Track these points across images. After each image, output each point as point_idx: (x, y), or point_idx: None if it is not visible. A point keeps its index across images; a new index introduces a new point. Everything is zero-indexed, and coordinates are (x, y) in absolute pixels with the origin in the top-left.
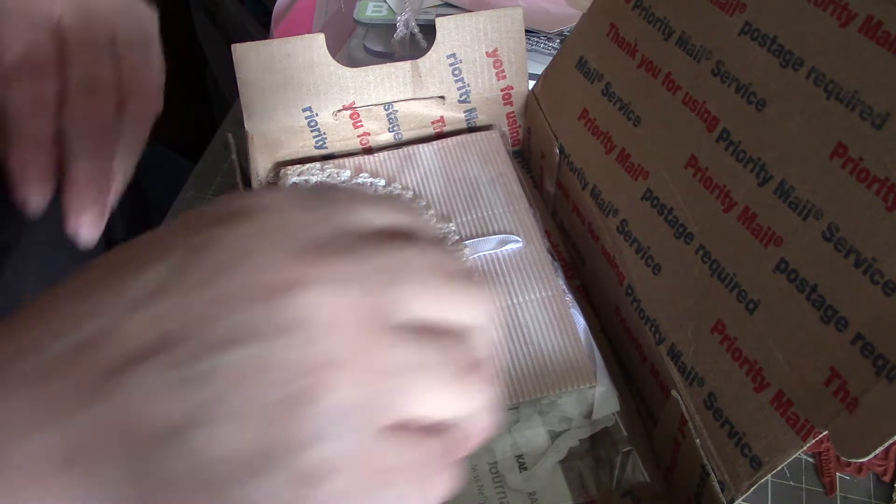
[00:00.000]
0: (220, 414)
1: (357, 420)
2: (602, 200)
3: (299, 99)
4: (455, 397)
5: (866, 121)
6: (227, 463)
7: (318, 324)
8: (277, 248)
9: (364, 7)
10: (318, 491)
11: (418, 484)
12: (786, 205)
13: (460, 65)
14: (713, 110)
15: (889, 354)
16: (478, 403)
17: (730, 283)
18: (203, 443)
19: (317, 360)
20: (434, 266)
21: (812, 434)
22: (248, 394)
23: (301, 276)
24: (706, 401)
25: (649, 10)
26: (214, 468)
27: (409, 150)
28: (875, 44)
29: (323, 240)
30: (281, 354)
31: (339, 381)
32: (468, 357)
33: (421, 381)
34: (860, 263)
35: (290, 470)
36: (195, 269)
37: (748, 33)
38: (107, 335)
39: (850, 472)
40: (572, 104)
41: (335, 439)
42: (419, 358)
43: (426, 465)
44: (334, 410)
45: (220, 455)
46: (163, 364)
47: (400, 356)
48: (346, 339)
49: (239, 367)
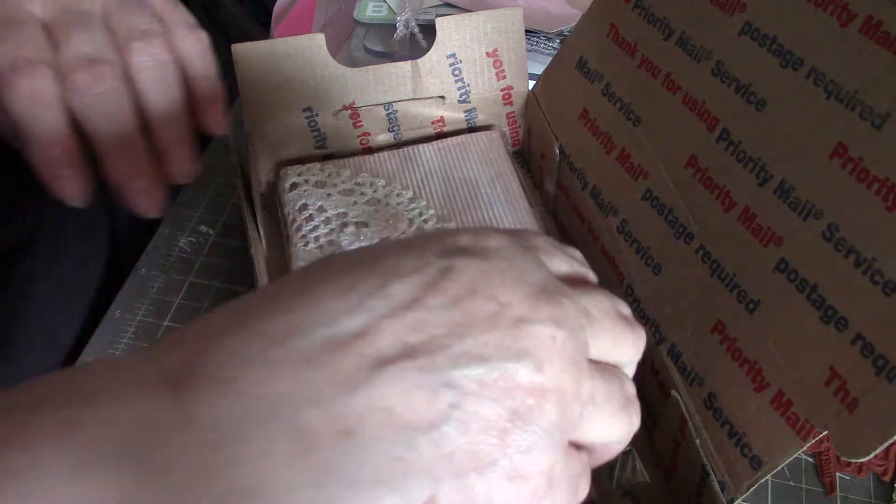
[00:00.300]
0: (463, 415)
1: (555, 438)
2: (602, 200)
3: (299, 99)
4: (617, 426)
5: (866, 121)
6: (462, 455)
7: (542, 354)
8: (510, 286)
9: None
10: (516, 490)
11: (571, 494)
12: (786, 205)
13: (460, 65)
14: (713, 110)
15: (889, 354)
16: (632, 429)
17: (730, 283)
18: (448, 437)
19: (540, 385)
20: (611, 310)
21: (812, 434)
22: (485, 402)
23: (530, 314)
24: (706, 401)
25: (649, 10)
26: (452, 458)
27: (409, 150)
28: (875, 44)
29: (541, 283)
30: (514, 375)
31: (550, 404)
32: (629, 391)
33: (599, 411)
34: (860, 263)
35: (503, 470)
36: (444, 290)
37: (748, 33)
38: (364, 334)
39: (850, 472)
40: (572, 104)
41: (540, 453)
42: (601, 391)
43: (579, 479)
44: (545, 427)
45: (457, 449)
46: (417, 367)
47: (587, 389)
48: (558, 370)
49: (481, 380)
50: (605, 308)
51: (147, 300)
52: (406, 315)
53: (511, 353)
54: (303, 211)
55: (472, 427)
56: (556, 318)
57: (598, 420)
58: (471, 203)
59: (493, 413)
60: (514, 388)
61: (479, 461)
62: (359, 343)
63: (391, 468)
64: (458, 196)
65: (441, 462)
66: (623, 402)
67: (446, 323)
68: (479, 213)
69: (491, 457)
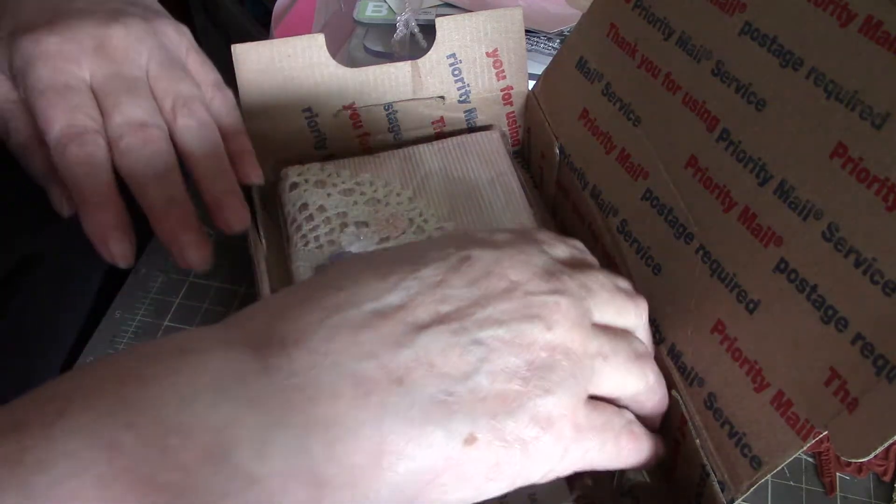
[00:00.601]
0: (490, 367)
1: (571, 387)
2: (602, 200)
3: (299, 100)
4: (631, 377)
5: (866, 121)
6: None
7: (551, 317)
8: (518, 268)
9: (364, 7)
10: (544, 432)
11: (602, 444)
12: (786, 205)
13: (460, 65)
14: (713, 110)
15: (889, 354)
16: (649, 381)
17: (730, 283)
18: (480, 385)
19: (551, 342)
20: (609, 284)
21: (812, 434)
22: (507, 356)
23: (536, 288)
24: (706, 401)
25: (649, 10)
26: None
27: (409, 150)
28: (875, 44)
29: (544, 265)
30: (529, 334)
31: (561, 356)
32: (639, 348)
33: (608, 364)
34: (860, 263)
35: (529, 412)
36: (464, 273)
37: (748, 33)
38: (404, 307)
39: (850, 472)
40: (572, 104)
41: (559, 397)
42: (608, 347)
43: (609, 430)
44: (560, 377)
45: (488, 394)
46: (449, 330)
47: (594, 346)
48: (566, 331)
49: (501, 338)
50: (602, 283)
51: (147, 300)
52: (436, 291)
53: (525, 317)
54: (303, 210)
55: (499, 376)
56: (559, 290)
57: (610, 373)
58: (470, 202)
59: (514, 365)
60: (529, 344)
61: (508, 404)
62: (400, 313)
63: (436, 409)
64: (458, 196)
65: (477, 405)
66: (633, 356)
67: (469, 297)
68: (478, 212)
69: (518, 401)
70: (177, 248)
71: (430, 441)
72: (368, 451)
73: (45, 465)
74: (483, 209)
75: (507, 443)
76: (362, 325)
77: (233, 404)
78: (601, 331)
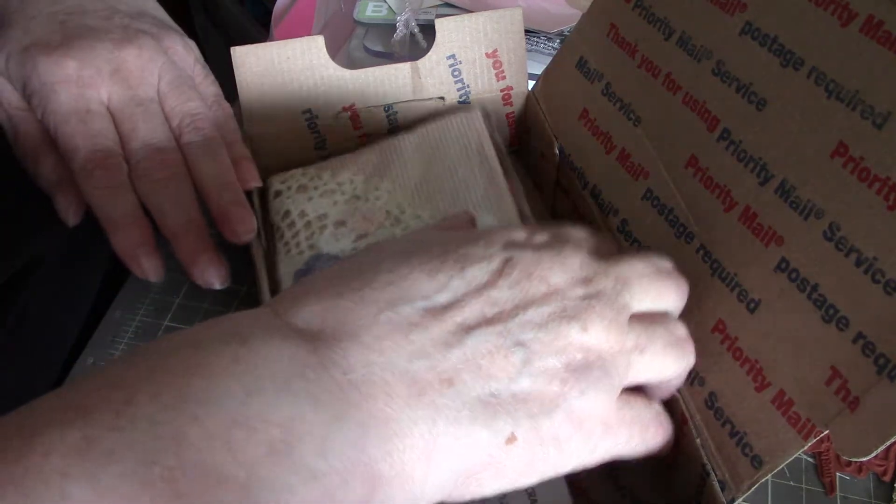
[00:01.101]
0: (531, 369)
1: (606, 386)
2: (602, 200)
3: (299, 101)
4: (669, 361)
5: (867, 120)
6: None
7: (587, 319)
8: (556, 270)
9: (364, 7)
10: (577, 431)
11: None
12: (786, 204)
13: (460, 65)
14: (713, 110)
15: (890, 354)
16: (687, 365)
17: (730, 282)
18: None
19: (587, 343)
20: (646, 269)
21: (813, 433)
22: (547, 357)
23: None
24: (706, 400)
25: (649, 10)
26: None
27: (389, 142)
28: (876, 43)
29: (579, 265)
30: (566, 336)
31: (597, 359)
32: (677, 332)
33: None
34: (861, 263)
35: (565, 412)
36: (508, 275)
37: (749, 33)
38: (453, 306)
39: (850, 472)
40: (572, 104)
41: (594, 396)
42: (644, 338)
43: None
44: (596, 377)
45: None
46: (495, 332)
47: (631, 341)
48: (601, 331)
49: (541, 340)
50: (640, 270)
51: (147, 300)
52: (482, 293)
53: (563, 320)
54: (285, 218)
55: (540, 378)
56: (596, 292)
57: (647, 363)
58: (448, 186)
59: (553, 366)
60: (567, 346)
61: (546, 405)
62: (449, 312)
63: (483, 410)
64: (437, 182)
65: (519, 405)
66: (671, 342)
67: (512, 299)
68: (456, 196)
69: (555, 402)
70: (198, 269)
71: (477, 441)
72: (421, 450)
73: (113, 457)
74: (461, 193)
75: (543, 441)
76: (414, 323)
77: (295, 399)
78: (638, 321)
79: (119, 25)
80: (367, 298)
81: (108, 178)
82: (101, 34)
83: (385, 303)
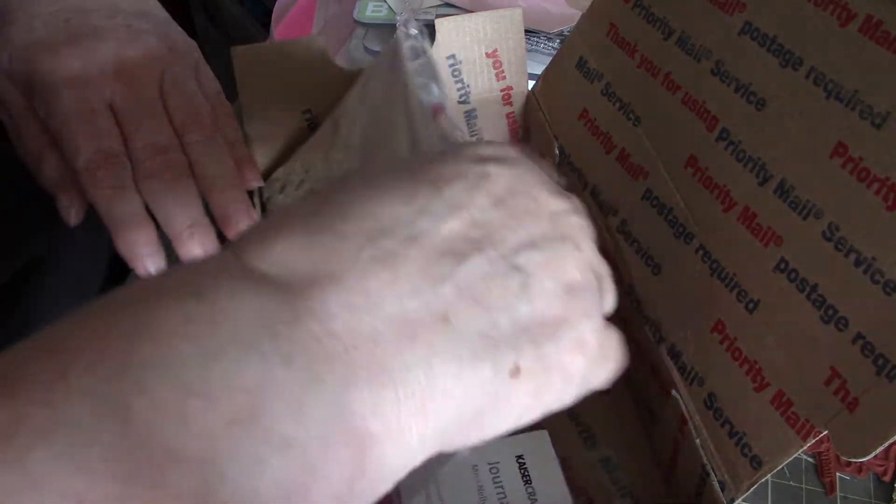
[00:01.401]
0: (531, 293)
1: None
2: (602, 200)
3: (299, 101)
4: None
5: (866, 120)
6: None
7: (577, 237)
8: (538, 185)
9: (364, 7)
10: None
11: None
12: (786, 204)
13: (460, 65)
14: (713, 110)
15: (889, 354)
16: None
17: (730, 282)
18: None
19: (582, 261)
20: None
21: (812, 434)
22: (545, 280)
23: (558, 207)
24: (706, 401)
25: (649, 10)
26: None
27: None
28: (875, 43)
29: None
30: (562, 255)
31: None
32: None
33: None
34: (860, 263)
35: (568, 335)
36: (488, 191)
37: (748, 33)
38: (431, 232)
39: (850, 472)
40: (572, 104)
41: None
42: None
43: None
44: (593, 297)
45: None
46: (487, 259)
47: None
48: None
49: (537, 262)
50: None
51: None
52: (463, 215)
53: (556, 239)
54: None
55: (539, 302)
56: (575, 209)
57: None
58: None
59: (552, 288)
60: (564, 266)
61: (549, 330)
62: (434, 239)
63: (482, 344)
64: (372, 134)
65: (520, 334)
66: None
67: (497, 219)
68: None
69: (557, 325)
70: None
71: (480, 379)
72: (417, 398)
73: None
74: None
75: (548, 368)
76: (399, 257)
77: (262, 359)
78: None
79: (122, 25)
80: (345, 233)
81: (112, 178)
82: (105, 34)
83: (365, 237)
